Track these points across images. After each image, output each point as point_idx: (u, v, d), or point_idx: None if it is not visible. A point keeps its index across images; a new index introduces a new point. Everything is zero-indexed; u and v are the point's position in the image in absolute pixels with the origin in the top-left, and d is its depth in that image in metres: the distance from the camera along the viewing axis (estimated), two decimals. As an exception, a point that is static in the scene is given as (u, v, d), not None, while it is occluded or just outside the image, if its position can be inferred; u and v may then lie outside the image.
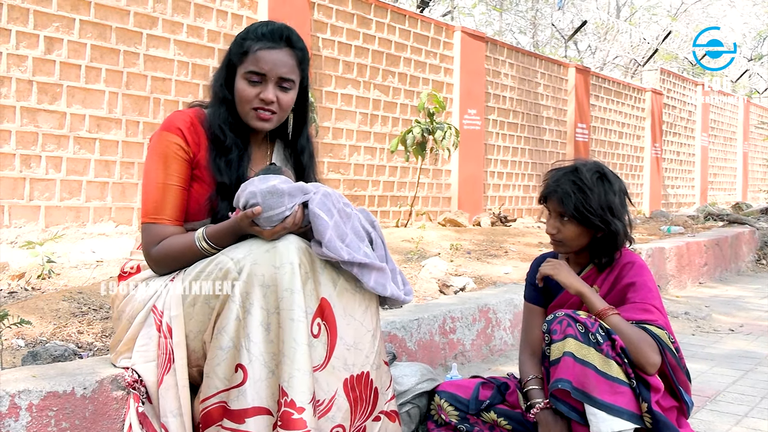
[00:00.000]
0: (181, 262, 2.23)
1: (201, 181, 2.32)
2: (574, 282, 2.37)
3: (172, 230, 2.26)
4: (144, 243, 2.28)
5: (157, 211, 2.25)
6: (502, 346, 4.18)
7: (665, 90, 16.35)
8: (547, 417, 2.32)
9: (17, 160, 5.46)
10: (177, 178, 2.28)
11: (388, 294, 2.23)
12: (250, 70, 2.30)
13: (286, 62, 2.32)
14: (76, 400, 2.12)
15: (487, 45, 10.73)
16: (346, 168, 8.44)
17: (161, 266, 2.26)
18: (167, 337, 2.13)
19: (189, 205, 2.31)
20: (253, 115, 2.32)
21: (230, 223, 2.16)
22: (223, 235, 2.18)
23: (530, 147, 11.79)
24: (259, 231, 2.11)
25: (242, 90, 2.31)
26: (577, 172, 2.43)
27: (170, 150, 2.28)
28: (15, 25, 5.45)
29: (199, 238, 2.19)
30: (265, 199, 2.07)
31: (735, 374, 3.92)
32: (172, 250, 2.22)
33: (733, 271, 8.52)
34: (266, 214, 2.07)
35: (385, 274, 2.23)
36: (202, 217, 2.30)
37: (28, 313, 3.25)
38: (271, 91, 2.30)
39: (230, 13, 7.03)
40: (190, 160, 2.31)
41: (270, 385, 2.00)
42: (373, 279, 2.18)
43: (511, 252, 6.65)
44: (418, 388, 2.71)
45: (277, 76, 2.31)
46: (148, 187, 2.28)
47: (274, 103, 2.32)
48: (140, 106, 6.23)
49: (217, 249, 2.18)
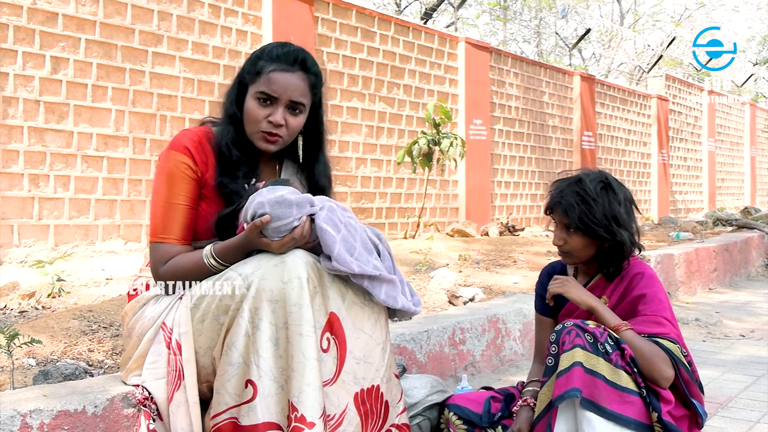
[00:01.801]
0: (190, 280, 2.23)
1: (209, 200, 2.32)
2: (585, 298, 2.35)
3: (180, 249, 2.26)
4: (152, 262, 2.28)
5: (165, 231, 2.26)
6: (512, 357, 4.17)
7: (671, 96, 16.34)
8: (521, 412, 2.40)
9: (26, 179, 5.49)
10: (184, 197, 2.28)
11: (399, 306, 2.23)
12: (262, 90, 2.28)
13: (299, 86, 2.30)
14: (87, 418, 2.13)
15: (491, 55, 10.76)
16: (353, 181, 8.45)
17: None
18: (177, 353, 2.14)
19: (197, 224, 2.31)
20: (260, 136, 2.31)
21: (238, 239, 2.17)
22: (231, 251, 2.18)
23: (536, 156, 11.79)
24: (267, 243, 2.10)
25: (252, 110, 2.30)
26: (581, 183, 2.43)
27: (177, 169, 2.28)
28: (21, 45, 5.50)
29: (207, 255, 2.19)
30: (274, 208, 2.07)
31: (746, 380, 3.90)
32: (181, 268, 2.23)
33: (743, 276, 8.48)
34: (274, 224, 2.06)
35: (396, 286, 2.23)
36: (210, 236, 2.30)
37: (38, 332, 3.26)
38: (281, 114, 2.29)
39: (235, 29, 7.07)
40: (198, 179, 2.30)
41: (280, 400, 2.00)
42: (384, 291, 2.18)
43: (520, 261, 6.64)
44: (428, 400, 2.70)
45: (289, 99, 2.29)
46: (156, 206, 2.29)
47: (282, 126, 2.30)
48: (147, 124, 6.26)
49: (226, 266, 2.18)
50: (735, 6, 29.00)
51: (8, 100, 5.42)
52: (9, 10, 5.43)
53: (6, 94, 5.41)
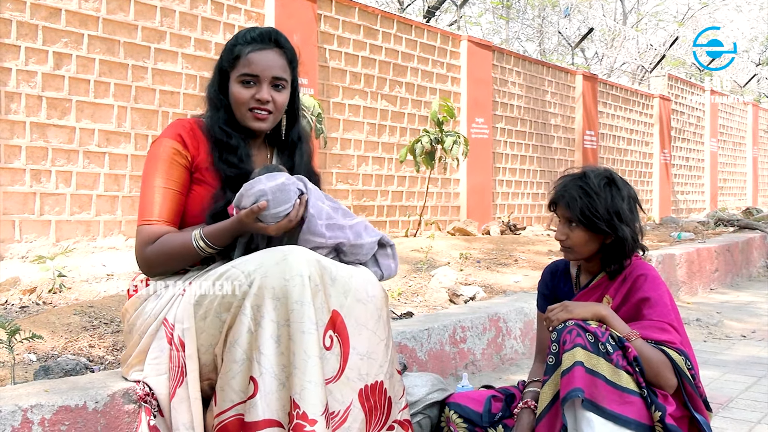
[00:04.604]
0: (176, 261, 2.25)
1: (204, 183, 2.34)
2: (592, 309, 2.31)
3: (167, 230, 2.27)
4: (138, 245, 2.28)
5: (152, 213, 2.27)
6: (512, 355, 4.17)
7: (673, 96, 16.32)
8: (522, 415, 2.39)
9: (27, 175, 5.49)
10: (174, 182, 2.30)
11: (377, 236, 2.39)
12: (244, 72, 2.34)
13: (278, 62, 2.37)
14: (87, 414, 2.13)
15: (494, 54, 10.75)
16: (355, 178, 8.45)
17: (155, 266, 2.27)
18: (179, 350, 2.13)
19: (192, 207, 2.33)
20: (250, 116, 2.36)
21: (230, 222, 2.19)
22: (221, 234, 2.20)
23: (538, 155, 11.79)
24: (264, 228, 2.14)
25: (237, 93, 2.35)
26: (585, 178, 2.44)
27: (167, 154, 2.31)
28: (24, 41, 5.49)
29: (196, 237, 2.21)
30: (276, 195, 2.13)
31: (747, 381, 3.90)
32: (167, 248, 2.23)
33: (744, 276, 8.48)
34: (274, 210, 2.12)
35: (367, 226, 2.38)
36: (200, 222, 2.31)
37: (39, 328, 3.27)
38: (266, 91, 2.35)
39: (237, 27, 7.06)
40: (189, 164, 2.33)
41: (280, 397, 2.00)
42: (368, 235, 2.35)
43: (521, 260, 6.64)
44: (428, 398, 2.70)
45: (271, 76, 2.35)
46: (145, 192, 2.30)
47: (270, 102, 2.36)
48: (149, 120, 6.26)
49: (215, 249, 2.21)
50: (738, 5, 28.92)
51: (11, 96, 5.42)
52: (12, 6, 5.43)
53: (8, 89, 5.41)
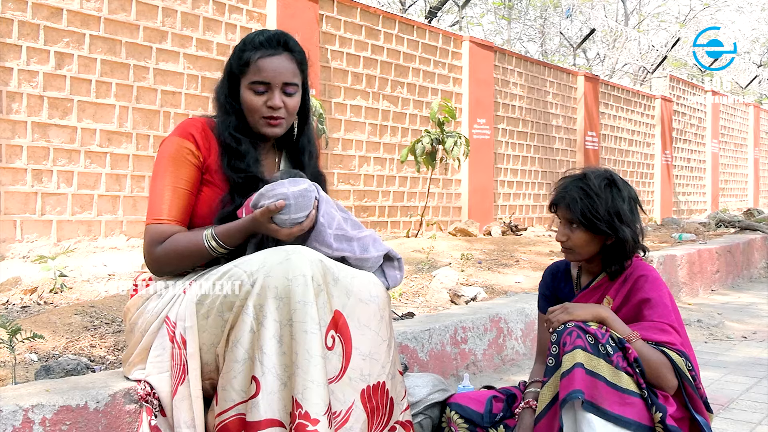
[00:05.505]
0: (186, 261, 2.24)
1: (212, 185, 2.33)
2: (593, 311, 2.31)
3: (177, 230, 2.26)
4: (146, 244, 2.26)
5: (162, 212, 2.26)
6: (514, 356, 4.17)
7: (675, 97, 16.33)
8: (524, 415, 2.39)
9: (29, 174, 5.49)
10: (185, 182, 2.29)
11: (384, 250, 2.37)
12: (255, 80, 2.33)
13: (288, 67, 2.35)
14: (89, 413, 2.13)
15: (495, 54, 10.75)
16: (356, 179, 8.45)
17: (164, 265, 2.26)
18: (181, 348, 2.13)
19: (200, 208, 2.32)
20: (264, 123, 2.35)
21: (243, 222, 2.18)
22: (233, 233, 2.20)
23: (540, 156, 11.79)
24: (276, 230, 2.13)
25: (249, 100, 2.34)
26: (586, 179, 2.44)
27: (180, 154, 2.30)
28: (25, 41, 5.50)
29: (207, 237, 2.20)
30: (297, 201, 2.12)
31: (748, 382, 3.89)
32: (178, 247, 2.22)
33: (745, 278, 8.47)
34: (295, 215, 2.12)
35: (375, 239, 2.36)
36: (211, 222, 2.31)
37: (40, 328, 3.27)
38: (278, 97, 2.33)
39: (239, 27, 7.07)
40: (200, 165, 2.32)
41: (282, 397, 1.99)
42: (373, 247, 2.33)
43: (522, 261, 6.64)
44: (429, 398, 2.70)
45: (282, 82, 2.33)
46: (155, 190, 2.29)
47: (282, 108, 2.34)
48: (150, 120, 6.26)
49: (226, 248, 2.20)
50: (739, 6, 28.92)
51: (12, 96, 5.43)
52: (14, 5, 5.44)
53: (10, 89, 5.41)
